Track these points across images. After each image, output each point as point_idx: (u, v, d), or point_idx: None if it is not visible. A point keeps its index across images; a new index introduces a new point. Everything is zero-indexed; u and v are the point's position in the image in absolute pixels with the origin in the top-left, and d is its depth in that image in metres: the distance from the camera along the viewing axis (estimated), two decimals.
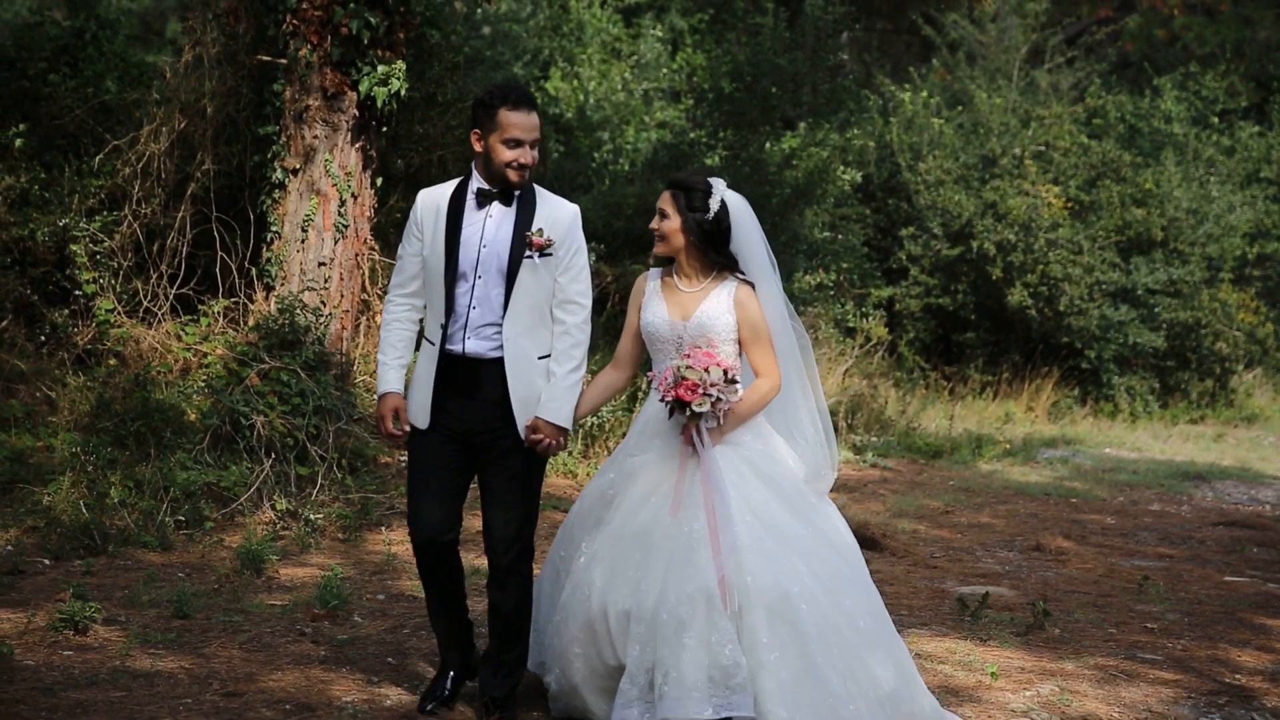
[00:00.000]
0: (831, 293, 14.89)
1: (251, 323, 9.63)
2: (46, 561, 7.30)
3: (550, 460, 9.81)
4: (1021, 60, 18.16)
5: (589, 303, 5.17)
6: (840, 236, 15.50)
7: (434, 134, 11.27)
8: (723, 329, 5.11)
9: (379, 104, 9.60)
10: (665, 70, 17.57)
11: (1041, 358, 16.50)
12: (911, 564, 8.23)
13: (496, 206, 5.09)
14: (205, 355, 9.49)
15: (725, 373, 5.01)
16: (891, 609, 7.05)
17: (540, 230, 5.05)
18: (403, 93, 9.69)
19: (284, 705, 5.31)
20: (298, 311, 9.31)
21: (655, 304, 5.22)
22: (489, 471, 5.16)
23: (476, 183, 5.11)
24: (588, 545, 5.22)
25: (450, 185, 5.20)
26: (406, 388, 5.28)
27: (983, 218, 16.02)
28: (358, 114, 9.67)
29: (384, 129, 10.04)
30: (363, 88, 9.56)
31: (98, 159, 10.24)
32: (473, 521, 6.80)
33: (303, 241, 9.66)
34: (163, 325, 9.77)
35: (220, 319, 9.85)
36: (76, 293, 9.90)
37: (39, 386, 9.27)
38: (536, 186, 5.16)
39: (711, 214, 5.12)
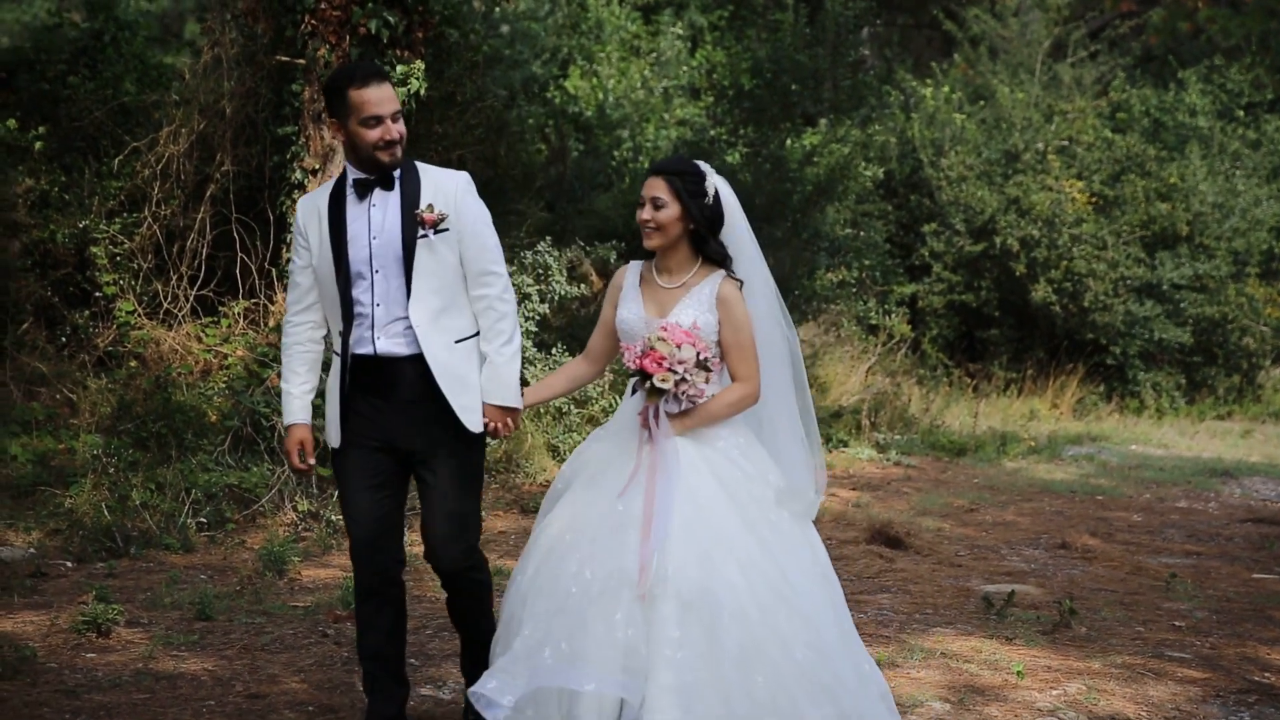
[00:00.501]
0: (854, 290, 14.83)
1: (272, 324, 9.64)
2: (69, 564, 7.31)
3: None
4: (1044, 54, 18.02)
5: (504, 269, 4.87)
6: (862, 233, 15.42)
7: (453, 133, 11.25)
8: (702, 328, 4.71)
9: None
10: (685, 67, 17.51)
11: (1066, 354, 16.40)
12: (936, 562, 8.17)
13: (378, 193, 4.78)
14: (226, 357, 9.49)
15: (698, 355, 4.66)
16: (916, 608, 7.03)
17: (430, 206, 4.74)
18: (422, 92, 9.67)
19: (307, 707, 5.30)
20: None
21: (632, 300, 4.86)
22: (422, 477, 4.84)
23: (352, 175, 4.80)
24: (538, 533, 4.84)
25: (328, 186, 4.89)
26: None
27: (1006, 213, 15.93)
28: None
29: None
30: None
31: (117, 161, 10.27)
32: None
33: None
34: (183, 327, 9.79)
35: (240, 320, 9.87)
36: (97, 294, 9.93)
37: (60, 389, 9.29)
38: (418, 163, 4.87)
39: (710, 198, 4.76)
